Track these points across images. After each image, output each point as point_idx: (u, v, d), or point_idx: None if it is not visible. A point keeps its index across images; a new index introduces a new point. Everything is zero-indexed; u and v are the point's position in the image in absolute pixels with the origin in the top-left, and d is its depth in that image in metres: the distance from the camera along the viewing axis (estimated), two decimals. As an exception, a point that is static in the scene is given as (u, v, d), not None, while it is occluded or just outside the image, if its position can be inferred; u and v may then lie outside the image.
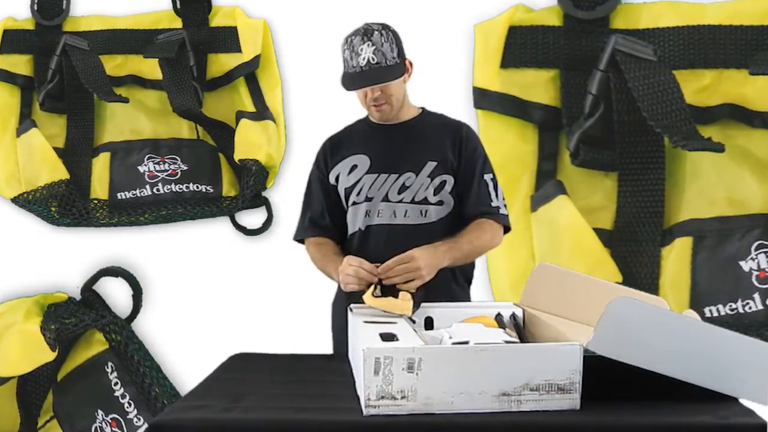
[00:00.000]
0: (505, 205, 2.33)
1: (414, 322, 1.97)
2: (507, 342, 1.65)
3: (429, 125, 2.36)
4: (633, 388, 1.57)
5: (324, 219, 2.37)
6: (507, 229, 2.35)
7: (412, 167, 2.28)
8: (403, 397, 1.49)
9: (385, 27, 2.24)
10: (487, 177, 2.32)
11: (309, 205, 2.42)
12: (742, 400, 1.57)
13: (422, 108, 2.40)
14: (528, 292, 1.91)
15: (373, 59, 2.18)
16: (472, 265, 2.41)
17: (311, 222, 2.39)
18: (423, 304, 1.98)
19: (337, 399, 1.62)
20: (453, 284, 2.33)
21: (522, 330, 1.83)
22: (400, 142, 2.32)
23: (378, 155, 2.31)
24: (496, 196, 2.32)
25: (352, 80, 2.22)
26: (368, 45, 2.18)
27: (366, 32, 2.20)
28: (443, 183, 2.28)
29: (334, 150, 2.38)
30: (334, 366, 1.92)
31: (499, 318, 1.85)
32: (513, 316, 1.89)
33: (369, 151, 2.32)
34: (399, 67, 2.24)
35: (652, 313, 1.55)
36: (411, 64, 2.28)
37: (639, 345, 1.52)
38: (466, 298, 2.37)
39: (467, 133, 2.36)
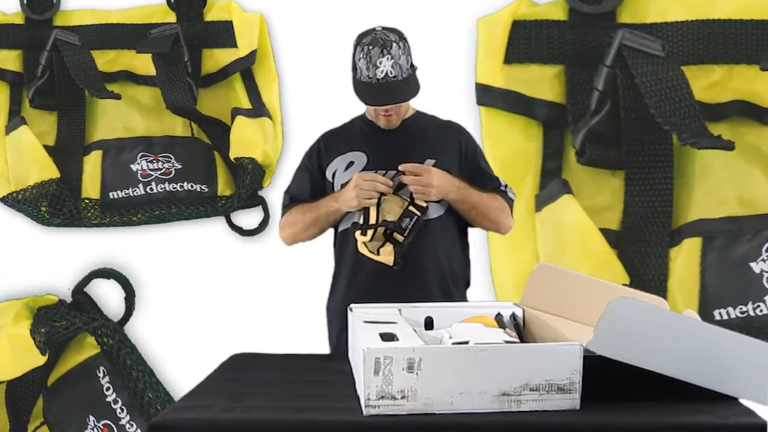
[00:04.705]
0: (510, 189, 2.48)
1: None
2: (507, 342, 1.71)
3: (425, 125, 2.47)
4: (633, 388, 1.63)
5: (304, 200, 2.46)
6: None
7: None
8: (403, 397, 1.54)
9: (401, 37, 2.32)
10: (485, 166, 2.49)
11: (289, 190, 2.51)
12: (742, 400, 1.62)
13: (416, 109, 2.49)
14: (528, 292, 1.96)
15: (391, 73, 2.27)
16: (467, 267, 2.50)
17: (291, 200, 2.49)
18: (423, 305, 2.05)
19: (337, 399, 1.68)
20: (452, 287, 2.42)
21: (522, 330, 1.89)
22: (397, 140, 2.41)
23: (375, 153, 2.40)
24: (498, 179, 2.47)
25: (371, 94, 2.31)
26: (387, 58, 2.26)
27: (385, 44, 2.27)
28: None
29: (329, 145, 2.47)
30: (334, 366, 1.98)
31: (499, 318, 1.91)
32: (513, 316, 1.95)
33: (366, 149, 2.41)
34: (413, 80, 2.34)
35: (652, 313, 1.61)
36: (416, 67, 2.36)
37: (639, 345, 1.58)
38: (463, 300, 2.46)
39: (467, 135, 2.50)
